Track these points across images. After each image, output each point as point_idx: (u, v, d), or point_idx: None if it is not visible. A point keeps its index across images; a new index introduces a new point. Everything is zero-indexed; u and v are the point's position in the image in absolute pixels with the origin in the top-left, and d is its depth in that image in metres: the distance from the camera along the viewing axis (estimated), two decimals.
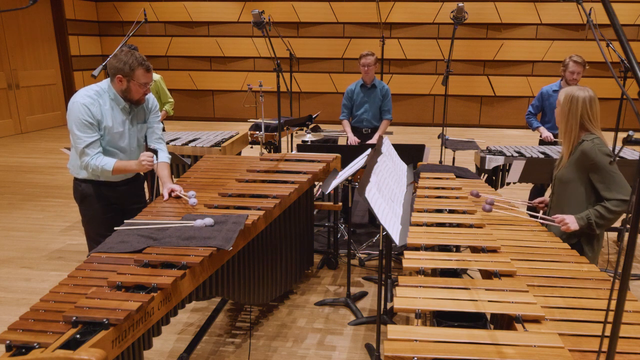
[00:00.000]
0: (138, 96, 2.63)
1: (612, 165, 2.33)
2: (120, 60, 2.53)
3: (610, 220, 2.36)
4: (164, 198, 2.68)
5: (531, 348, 1.42)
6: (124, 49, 2.64)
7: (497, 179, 4.11)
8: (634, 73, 1.02)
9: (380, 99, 4.72)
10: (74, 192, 2.79)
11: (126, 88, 2.58)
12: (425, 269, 1.92)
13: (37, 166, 7.06)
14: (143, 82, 2.58)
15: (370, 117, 4.76)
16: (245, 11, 10.44)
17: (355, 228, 4.64)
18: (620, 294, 1.06)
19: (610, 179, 2.33)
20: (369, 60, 4.55)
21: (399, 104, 10.47)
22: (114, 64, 2.54)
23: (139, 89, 2.60)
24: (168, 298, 1.76)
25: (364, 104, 4.74)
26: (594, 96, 2.37)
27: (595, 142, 2.34)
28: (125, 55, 2.53)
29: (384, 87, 4.75)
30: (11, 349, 1.43)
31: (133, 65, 2.52)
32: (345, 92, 4.82)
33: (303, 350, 2.82)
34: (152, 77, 2.65)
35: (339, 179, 2.94)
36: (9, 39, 9.13)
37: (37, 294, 3.38)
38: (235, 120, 10.83)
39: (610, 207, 2.33)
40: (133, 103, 2.67)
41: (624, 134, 1.25)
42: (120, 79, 2.55)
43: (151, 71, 2.62)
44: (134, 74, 2.54)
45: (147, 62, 2.59)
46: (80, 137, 2.53)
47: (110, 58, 2.59)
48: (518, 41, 9.98)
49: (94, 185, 2.72)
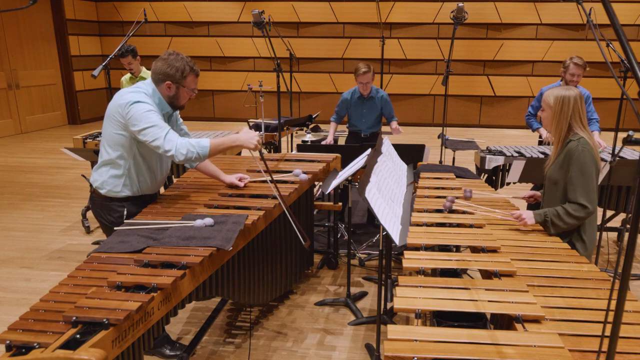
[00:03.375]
0: (184, 102, 2.51)
1: (589, 169, 2.32)
2: (171, 66, 2.37)
3: (566, 223, 2.34)
4: (242, 185, 2.73)
5: (531, 348, 1.42)
6: (171, 52, 2.43)
7: (497, 179, 4.11)
8: (634, 73, 1.02)
9: (379, 108, 4.58)
10: (108, 215, 2.49)
11: (174, 94, 2.44)
12: (425, 269, 1.92)
13: (37, 166, 7.06)
14: (192, 88, 2.46)
15: (367, 126, 4.63)
16: (245, 11, 10.44)
17: (355, 228, 4.64)
18: (620, 294, 1.06)
19: (579, 182, 2.33)
20: (367, 77, 4.36)
21: (399, 104, 10.47)
22: (163, 69, 2.38)
23: (186, 94, 2.47)
24: (168, 298, 1.76)
25: (362, 114, 4.61)
26: (581, 94, 2.40)
27: (581, 142, 2.35)
28: (175, 60, 2.37)
29: (382, 96, 4.58)
30: (11, 349, 1.43)
31: (185, 71, 2.39)
32: (340, 100, 4.64)
33: (303, 350, 2.82)
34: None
35: (339, 179, 2.94)
36: (9, 39, 9.13)
37: (37, 294, 3.38)
38: (235, 120, 10.83)
39: (569, 209, 2.33)
40: (177, 108, 2.55)
41: (624, 134, 1.25)
42: (170, 85, 2.40)
43: (199, 75, 2.51)
44: (185, 81, 2.41)
45: (197, 67, 2.46)
46: (159, 125, 2.29)
47: (157, 61, 2.41)
48: (518, 41, 9.98)
49: (134, 202, 2.51)
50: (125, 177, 2.46)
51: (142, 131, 2.28)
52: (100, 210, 2.52)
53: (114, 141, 2.41)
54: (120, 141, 2.40)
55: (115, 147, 2.41)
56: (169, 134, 2.30)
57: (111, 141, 2.41)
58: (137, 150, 2.44)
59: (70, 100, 10.57)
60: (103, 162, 2.47)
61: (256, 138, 2.41)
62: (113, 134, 2.39)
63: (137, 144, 2.42)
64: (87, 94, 10.88)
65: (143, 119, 2.28)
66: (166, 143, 2.28)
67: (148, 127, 2.28)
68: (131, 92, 2.36)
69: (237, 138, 2.42)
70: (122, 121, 2.34)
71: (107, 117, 2.42)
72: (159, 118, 2.33)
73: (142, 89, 2.40)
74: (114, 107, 2.36)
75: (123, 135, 2.38)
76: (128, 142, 2.40)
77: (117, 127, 2.37)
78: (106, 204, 2.49)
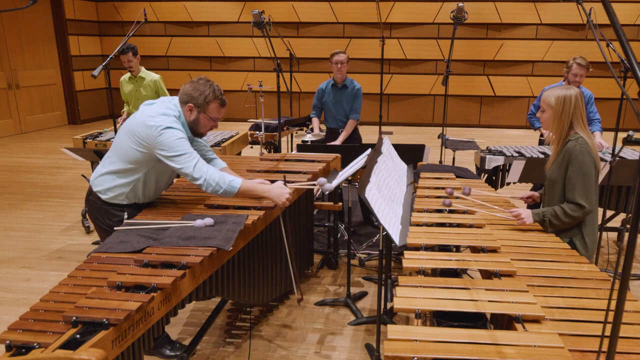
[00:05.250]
0: (204, 130, 2.46)
1: (588, 168, 2.32)
2: (197, 89, 2.36)
3: (563, 222, 2.36)
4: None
5: (531, 348, 1.42)
6: (202, 78, 2.42)
7: (497, 179, 4.11)
8: (634, 73, 1.02)
9: (351, 98, 4.56)
10: (107, 219, 2.47)
11: (195, 119, 2.40)
12: (425, 269, 1.92)
13: (37, 166, 7.06)
14: (214, 117, 2.42)
15: (342, 117, 4.61)
16: (245, 11, 10.44)
17: (355, 228, 4.64)
18: (620, 294, 1.06)
19: (577, 181, 2.33)
20: (342, 57, 4.37)
21: (399, 104, 10.48)
22: (189, 90, 2.37)
23: (207, 123, 2.42)
24: (168, 298, 1.76)
25: (335, 104, 4.59)
26: (581, 93, 2.40)
27: (579, 141, 2.35)
28: (202, 85, 2.37)
29: (355, 86, 4.57)
30: (11, 349, 1.43)
31: (209, 97, 2.36)
32: (316, 92, 4.68)
33: (303, 350, 2.82)
34: (224, 113, 2.47)
35: (339, 179, 2.94)
36: (9, 39, 9.13)
37: (37, 294, 3.38)
38: (235, 120, 10.83)
39: (566, 209, 2.34)
40: (197, 135, 2.50)
41: (624, 134, 1.25)
42: (191, 108, 2.37)
43: (225, 106, 2.46)
44: (208, 107, 2.38)
45: (223, 97, 2.42)
46: (190, 153, 2.29)
47: (186, 83, 2.40)
48: (518, 41, 9.97)
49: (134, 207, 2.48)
50: (130, 188, 2.43)
51: (173, 158, 2.28)
52: (99, 214, 2.49)
53: (129, 155, 2.36)
54: (137, 157, 2.36)
55: (129, 160, 2.37)
56: (198, 162, 2.30)
57: (126, 154, 2.37)
58: (151, 168, 2.42)
59: (70, 100, 10.57)
60: (110, 171, 2.42)
61: (286, 196, 2.42)
62: (131, 149, 2.34)
63: (154, 163, 2.38)
64: (87, 94, 10.88)
65: (174, 147, 2.26)
66: (195, 172, 2.29)
67: (179, 155, 2.27)
68: (163, 114, 2.31)
69: (269, 191, 2.44)
70: (148, 142, 2.29)
71: (127, 131, 2.36)
72: (189, 146, 2.32)
73: (172, 112, 2.36)
74: (140, 125, 2.30)
75: (142, 153, 2.34)
76: (146, 160, 2.36)
77: (138, 145, 2.32)
78: (105, 208, 2.47)
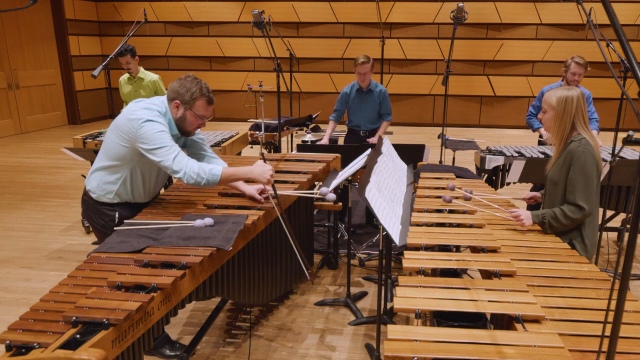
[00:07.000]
0: (191, 128, 2.44)
1: (590, 170, 2.31)
2: (183, 86, 2.35)
3: (563, 224, 2.35)
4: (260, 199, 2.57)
5: (531, 348, 1.42)
6: (190, 75, 2.40)
7: (497, 179, 4.11)
8: (634, 73, 1.02)
9: (378, 103, 4.55)
10: (99, 219, 2.48)
11: (181, 116, 2.39)
12: (425, 269, 1.92)
13: (37, 166, 7.06)
14: (201, 115, 2.40)
15: (367, 122, 4.60)
16: (245, 11, 10.44)
17: (355, 228, 4.64)
18: (620, 294, 1.06)
19: (578, 183, 2.32)
20: (365, 68, 4.34)
21: (399, 104, 10.47)
22: (175, 87, 2.36)
23: (194, 120, 2.40)
24: (168, 298, 1.76)
25: (361, 109, 4.58)
26: (583, 93, 2.40)
27: (582, 142, 2.35)
28: (189, 82, 2.35)
29: (381, 90, 4.56)
30: (11, 349, 1.43)
31: (195, 94, 2.34)
32: (340, 95, 4.64)
33: (303, 350, 2.82)
34: (212, 111, 2.45)
35: (339, 179, 2.94)
36: (9, 39, 9.13)
37: (37, 294, 3.38)
38: (235, 120, 10.83)
39: (566, 211, 2.33)
40: (184, 133, 2.48)
41: (624, 134, 1.25)
42: (177, 105, 2.36)
43: (213, 104, 2.44)
44: (194, 104, 2.36)
45: (211, 94, 2.40)
46: (169, 146, 2.26)
47: (174, 81, 2.38)
48: (518, 41, 9.98)
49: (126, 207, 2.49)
50: (118, 185, 2.44)
51: (152, 151, 2.26)
52: (92, 213, 2.51)
53: (114, 151, 2.38)
54: (121, 153, 2.37)
55: (114, 156, 2.39)
56: (178, 155, 2.28)
57: (112, 150, 2.39)
58: (136, 164, 2.42)
59: (70, 100, 10.57)
60: (98, 168, 2.45)
61: (269, 172, 2.40)
62: (116, 144, 2.36)
63: (138, 158, 2.38)
64: (87, 94, 10.88)
65: (154, 139, 2.25)
66: (175, 164, 2.26)
67: (158, 148, 2.25)
68: (145, 108, 2.32)
69: (251, 171, 2.42)
70: (130, 136, 2.30)
71: (114, 127, 2.38)
72: (170, 139, 2.30)
73: (157, 107, 2.36)
74: (124, 119, 2.32)
75: (126, 147, 2.35)
76: (130, 154, 2.37)
77: (121, 139, 2.34)
78: (97, 207, 2.48)
